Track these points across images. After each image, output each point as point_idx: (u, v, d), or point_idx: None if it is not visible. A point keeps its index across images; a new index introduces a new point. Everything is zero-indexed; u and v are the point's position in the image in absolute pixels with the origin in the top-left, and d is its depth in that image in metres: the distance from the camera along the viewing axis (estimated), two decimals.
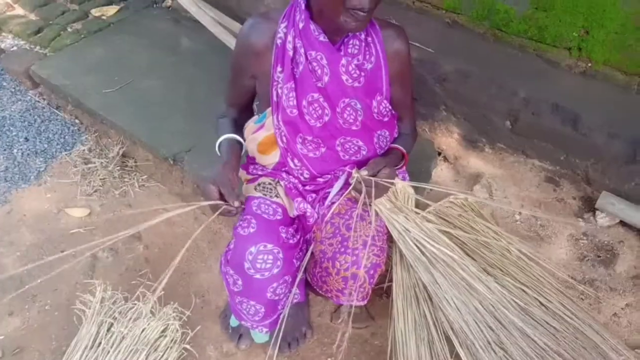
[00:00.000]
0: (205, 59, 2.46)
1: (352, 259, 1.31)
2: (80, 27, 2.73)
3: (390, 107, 1.37)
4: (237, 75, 1.39)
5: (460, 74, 2.01)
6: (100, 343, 1.45)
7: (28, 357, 1.56)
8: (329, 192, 1.43)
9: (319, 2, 1.20)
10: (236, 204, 1.21)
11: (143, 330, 1.48)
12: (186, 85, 2.33)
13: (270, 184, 1.46)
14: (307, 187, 1.46)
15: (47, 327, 1.63)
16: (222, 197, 1.23)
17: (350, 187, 1.29)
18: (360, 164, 1.38)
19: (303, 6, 1.24)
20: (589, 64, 1.95)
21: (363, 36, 1.29)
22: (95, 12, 2.83)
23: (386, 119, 1.39)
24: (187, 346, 1.53)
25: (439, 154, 2.13)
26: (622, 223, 1.84)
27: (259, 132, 1.41)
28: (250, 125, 1.44)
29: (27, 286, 1.71)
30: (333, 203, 1.41)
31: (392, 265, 1.52)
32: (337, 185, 1.39)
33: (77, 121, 2.35)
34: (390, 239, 1.51)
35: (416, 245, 1.44)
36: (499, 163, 2.07)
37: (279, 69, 1.29)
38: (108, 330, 1.49)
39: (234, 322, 1.60)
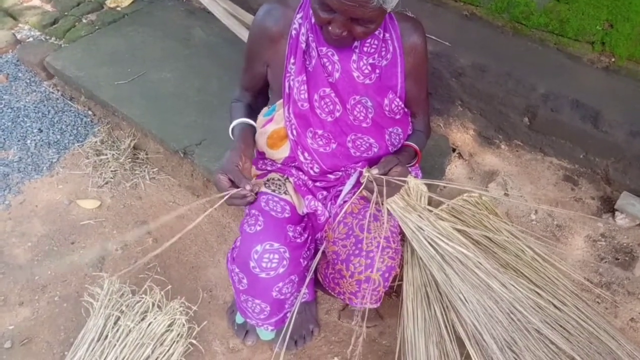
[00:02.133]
0: (218, 51, 2.44)
1: (367, 262, 1.28)
2: (95, 19, 2.73)
3: (402, 105, 1.34)
4: (251, 61, 1.37)
5: (477, 68, 1.95)
6: (107, 336, 1.46)
7: (36, 347, 1.57)
8: (340, 190, 1.40)
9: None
10: (247, 187, 1.18)
11: (149, 325, 1.48)
12: (199, 77, 2.32)
13: (279, 179, 1.44)
14: (318, 184, 1.44)
15: (56, 318, 1.64)
16: (234, 184, 1.20)
17: (362, 187, 1.26)
18: (371, 161, 1.34)
19: None
20: (612, 59, 1.88)
21: (381, 34, 1.25)
22: (110, 3, 2.83)
23: (398, 116, 1.35)
24: (193, 341, 1.52)
25: (454, 150, 2.08)
26: None
27: (268, 126, 1.39)
28: (260, 118, 1.42)
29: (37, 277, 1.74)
30: (345, 202, 1.38)
31: (403, 264, 1.49)
32: (349, 183, 1.36)
33: (90, 113, 2.36)
34: (402, 239, 1.48)
35: (430, 244, 1.41)
36: (515, 160, 2.01)
37: (292, 60, 1.27)
38: (115, 323, 1.49)
39: (239, 319, 1.59)
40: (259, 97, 1.47)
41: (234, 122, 1.36)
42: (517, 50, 1.98)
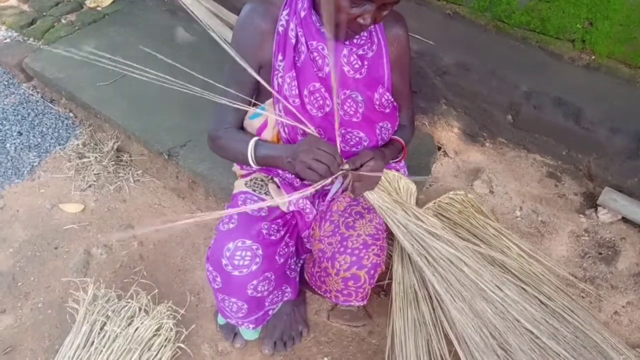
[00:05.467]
0: (201, 51, 2.42)
1: (352, 259, 1.28)
2: (74, 19, 2.68)
3: (392, 99, 1.35)
4: (240, 68, 1.28)
5: (461, 67, 1.97)
6: (93, 342, 1.43)
7: (20, 356, 1.54)
8: (328, 189, 1.39)
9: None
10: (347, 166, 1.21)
11: (136, 330, 1.45)
12: (182, 78, 2.28)
13: (262, 180, 1.43)
14: (306, 182, 1.43)
15: (40, 325, 1.61)
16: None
17: (331, 178, 1.25)
18: None
19: None
20: (593, 57, 1.91)
21: None
22: (90, 3, 2.78)
23: (387, 110, 1.36)
24: (182, 345, 1.51)
25: (439, 148, 2.09)
26: (624, 219, 1.81)
27: (264, 133, 1.37)
28: (247, 121, 1.39)
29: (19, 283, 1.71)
30: (333, 200, 1.39)
31: (392, 263, 1.50)
32: (338, 183, 1.36)
33: (71, 115, 2.32)
34: (389, 237, 1.48)
35: (417, 240, 1.41)
36: (499, 158, 2.04)
37: (279, 57, 1.26)
38: (101, 329, 1.46)
39: (220, 320, 1.57)
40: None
41: (253, 140, 1.27)
42: (500, 48, 2.00)
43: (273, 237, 1.35)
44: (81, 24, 2.62)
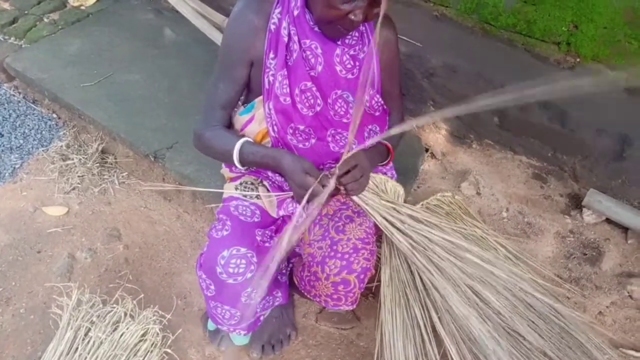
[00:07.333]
0: (188, 52, 2.40)
1: (342, 264, 1.27)
2: (57, 18, 2.63)
3: (382, 102, 1.35)
4: (232, 65, 1.29)
5: (448, 69, 1.98)
6: (77, 348, 1.41)
7: None
8: None
9: (315, 5, 1.17)
10: (332, 181, 1.19)
11: (122, 335, 1.43)
12: (168, 79, 2.27)
13: (252, 183, 1.42)
14: None
15: (22, 331, 1.58)
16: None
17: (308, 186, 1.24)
18: None
19: None
20: (578, 59, 1.93)
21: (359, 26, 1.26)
22: (73, 1, 2.73)
23: (377, 113, 1.36)
24: (168, 350, 1.49)
25: (427, 150, 2.10)
26: (609, 220, 1.83)
27: (250, 127, 1.36)
28: (236, 117, 1.38)
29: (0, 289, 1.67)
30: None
31: (380, 266, 1.49)
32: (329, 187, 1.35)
33: (54, 116, 2.27)
34: (377, 240, 1.48)
35: (411, 238, 1.40)
36: (486, 159, 2.05)
37: (271, 55, 1.26)
38: (85, 335, 1.44)
39: (211, 325, 1.56)
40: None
41: (241, 141, 1.27)
42: (487, 50, 2.01)
43: (267, 244, 1.33)
44: (64, 23, 2.58)
